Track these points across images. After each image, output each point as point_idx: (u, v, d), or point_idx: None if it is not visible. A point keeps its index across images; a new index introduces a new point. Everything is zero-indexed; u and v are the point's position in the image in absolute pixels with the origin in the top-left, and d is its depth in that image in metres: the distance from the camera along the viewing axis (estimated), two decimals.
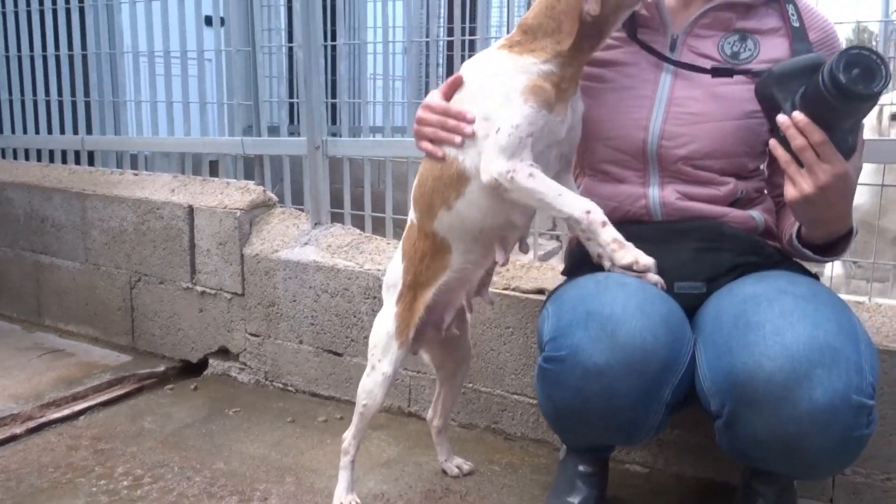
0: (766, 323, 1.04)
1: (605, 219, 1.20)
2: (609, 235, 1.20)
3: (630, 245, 1.19)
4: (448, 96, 1.32)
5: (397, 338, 1.47)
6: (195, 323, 2.45)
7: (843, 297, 1.76)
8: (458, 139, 1.28)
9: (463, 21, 3.92)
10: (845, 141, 1.10)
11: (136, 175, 2.70)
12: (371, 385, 1.50)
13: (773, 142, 1.15)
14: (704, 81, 1.32)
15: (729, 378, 1.04)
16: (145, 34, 2.69)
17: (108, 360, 2.50)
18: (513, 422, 1.95)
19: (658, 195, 1.33)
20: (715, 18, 1.33)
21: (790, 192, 1.15)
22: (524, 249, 1.40)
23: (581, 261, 1.33)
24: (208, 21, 2.61)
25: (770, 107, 1.19)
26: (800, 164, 1.11)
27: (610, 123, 1.35)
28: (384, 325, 1.50)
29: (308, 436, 1.99)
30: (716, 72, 1.28)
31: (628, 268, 1.17)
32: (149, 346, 2.56)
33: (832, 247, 1.24)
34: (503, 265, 1.41)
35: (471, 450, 1.88)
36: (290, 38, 2.80)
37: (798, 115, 1.10)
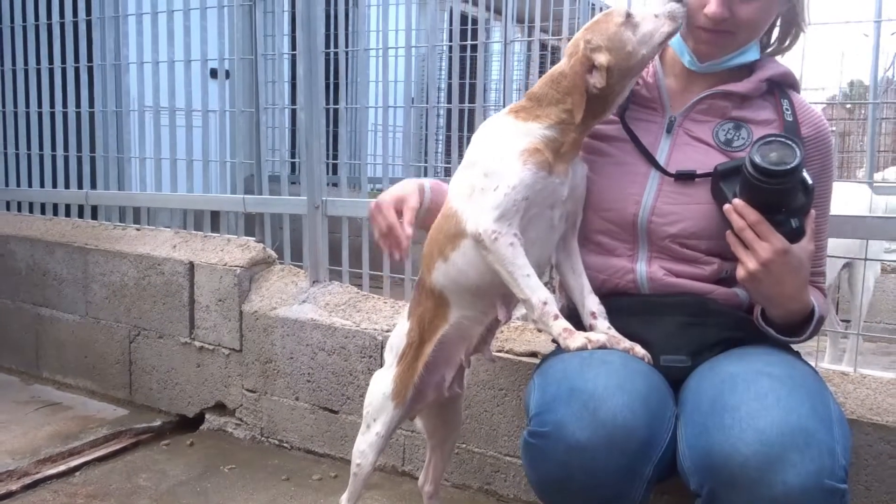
0: (741, 406, 1.08)
1: (558, 312, 1.28)
2: (560, 327, 1.27)
3: (578, 332, 1.26)
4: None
5: (393, 398, 1.48)
6: (192, 378, 2.47)
7: (829, 366, 1.81)
8: (396, 256, 1.46)
9: (462, 77, 4.03)
10: (787, 223, 1.21)
11: (138, 230, 2.75)
12: (364, 446, 1.51)
13: (728, 231, 1.25)
14: (697, 163, 1.37)
15: (706, 460, 1.08)
16: (151, 92, 2.77)
17: (105, 414, 2.52)
18: (505, 483, 1.96)
19: (646, 270, 1.37)
20: (712, 105, 1.39)
21: (738, 271, 1.25)
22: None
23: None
24: (213, 73, 2.68)
25: (720, 201, 1.29)
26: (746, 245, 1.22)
27: (605, 195, 1.40)
28: (381, 385, 1.51)
29: (302, 495, 2.00)
30: (678, 175, 1.35)
31: (582, 349, 1.24)
32: (146, 400, 2.58)
33: (796, 328, 1.29)
34: (505, 322, 1.44)
35: None
36: (294, 87, 2.88)
37: (736, 200, 1.22)
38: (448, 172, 4.60)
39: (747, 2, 1.30)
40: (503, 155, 1.30)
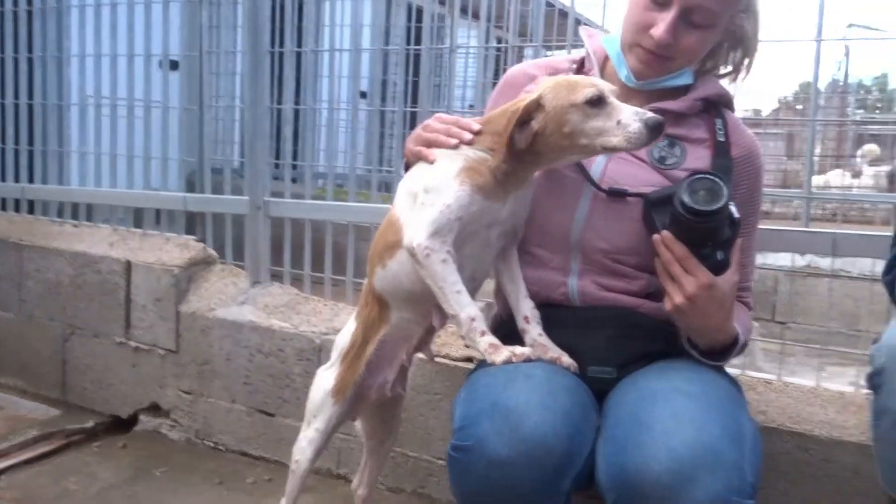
0: (656, 424, 1.11)
1: (486, 329, 1.28)
2: (486, 343, 1.28)
3: (504, 346, 1.27)
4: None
5: (334, 395, 1.49)
6: (127, 378, 2.43)
7: (754, 375, 1.86)
8: (453, 141, 1.34)
9: (416, 75, 4.01)
10: (713, 257, 1.23)
11: (75, 227, 2.69)
12: (304, 442, 1.52)
13: (656, 261, 1.27)
14: (631, 179, 1.39)
15: (621, 475, 1.10)
16: (93, 86, 2.70)
17: (37, 414, 2.46)
18: (439, 487, 1.98)
19: (577, 284, 1.39)
20: None
21: (666, 303, 1.27)
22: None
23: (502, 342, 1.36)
24: (173, 65, 2.63)
25: (649, 228, 1.30)
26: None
27: (541, 208, 1.41)
28: (323, 382, 1.52)
29: (235, 499, 1.98)
30: (610, 192, 1.36)
31: (507, 362, 1.24)
32: (79, 400, 2.53)
33: (719, 353, 1.32)
34: (440, 328, 1.46)
35: None
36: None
37: (665, 233, 1.24)
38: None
39: (692, 32, 1.33)
40: (443, 173, 1.31)
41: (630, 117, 1.20)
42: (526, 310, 1.37)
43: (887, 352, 1.02)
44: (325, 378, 1.52)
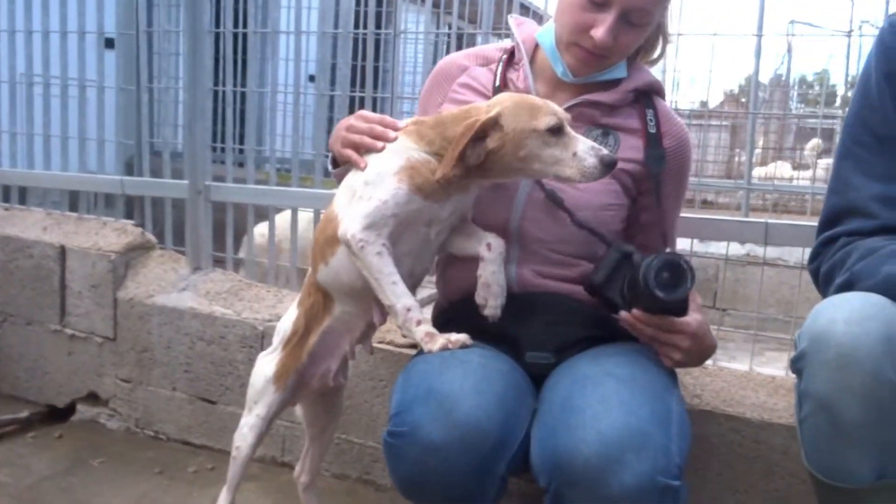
0: (586, 408, 1.13)
1: (422, 318, 1.29)
2: (422, 332, 1.28)
3: (439, 334, 1.28)
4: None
5: (275, 382, 1.49)
6: (63, 366, 2.36)
7: None
8: (380, 144, 1.33)
9: (376, 60, 3.96)
10: (681, 306, 1.24)
11: (6, 210, 2.59)
12: (245, 428, 1.51)
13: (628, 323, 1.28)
14: None
15: (552, 459, 1.12)
16: (24, 63, 2.60)
17: None
18: (383, 473, 1.97)
19: (515, 271, 1.40)
20: (581, 112, 1.41)
21: (666, 361, 1.30)
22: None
23: (443, 329, 1.37)
24: (109, 44, 2.54)
25: (608, 305, 1.33)
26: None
27: (482, 199, 1.41)
28: (264, 369, 1.51)
29: (175, 488, 1.95)
30: (548, 196, 1.37)
31: (444, 349, 1.25)
32: (12, 390, 2.45)
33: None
34: (380, 325, 1.45)
35: (341, 502, 1.89)
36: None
37: (636, 313, 1.25)
38: None
39: (629, 31, 1.34)
40: (383, 169, 1.30)
41: (586, 151, 1.22)
42: (489, 237, 1.35)
43: (808, 336, 1.05)
44: (267, 364, 1.51)
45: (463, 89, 1.50)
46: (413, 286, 1.39)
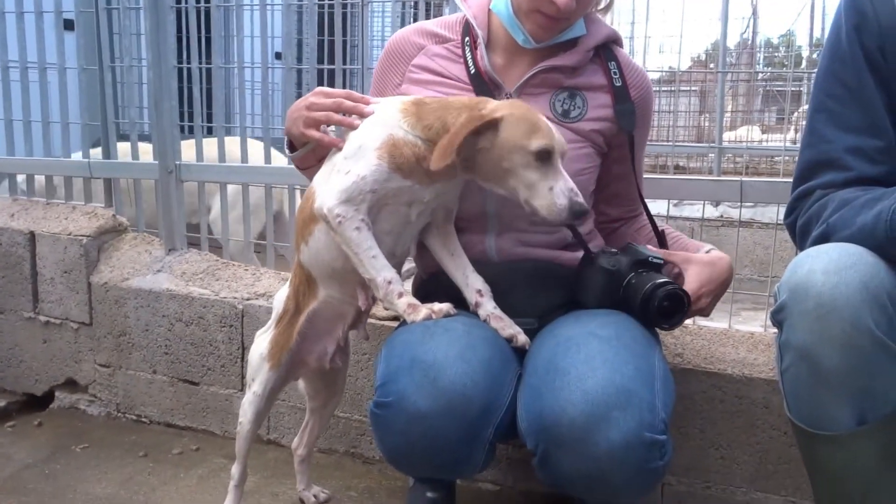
0: (571, 369, 1.13)
1: (403, 290, 1.28)
2: (404, 303, 1.27)
3: (422, 305, 1.27)
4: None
5: (269, 359, 1.49)
6: (39, 354, 2.33)
7: None
8: (356, 120, 1.30)
9: (344, 34, 3.88)
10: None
11: None
12: (246, 404, 1.53)
13: None
14: None
15: (539, 421, 1.13)
16: None
17: None
18: (371, 446, 1.98)
19: (494, 243, 1.40)
20: (545, 79, 1.40)
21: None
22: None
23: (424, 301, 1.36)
24: (68, 25, 2.46)
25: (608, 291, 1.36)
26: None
27: None
28: (259, 346, 1.52)
29: (161, 470, 1.94)
30: None
31: (427, 319, 1.24)
32: None
33: None
34: (364, 310, 1.43)
35: (329, 475, 1.89)
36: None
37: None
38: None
39: None
40: (365, 143, 1.27)
41: (562, 191, 1.20)
42: (477, 284, 1.34)
43: (788, 288, 1.06)
44: (261, 341, 1.52)
45: (422, 71, 1.46)
46: (396, 266, 1.37)
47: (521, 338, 1.30)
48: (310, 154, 1.42)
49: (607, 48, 1.45)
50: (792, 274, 1.07)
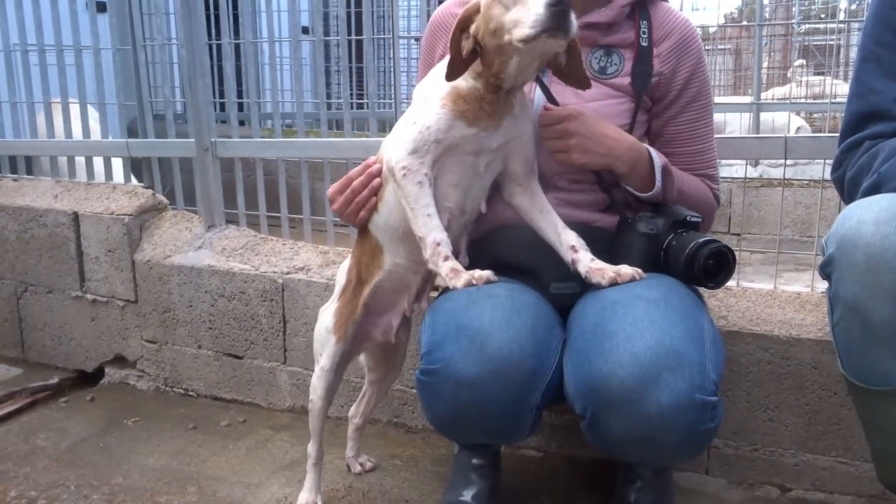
0: (619, 331, 1.12)
1: (450, 254, 1.27)
2: (448, 267, 1.26)
3: (464, 271, 1.26)
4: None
5: (335, 332, 1.49)
6: (88, 332, 2.38)
7: None
8: (376, 181, 1.35)
9: (358, 6, 3.87)
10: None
11: (15, 181, 2.58)
12: (315, 380, 1.53)
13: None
14: (576, 96, 1.37)
15: (588, 384, 1.12)
16: (17, 31, 2.55)
17: None
18: (413, 415, 2.00)
19: None
20: (581, 37, 1.38)
21: (563, 157, 1.36)
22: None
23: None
24: (101, 7, 2.48)
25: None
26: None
27: None
28: (324, 320, 1.52)
29: (210, 442, 1.98)
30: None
31: (468, 285, 1.24)
32: (40, 358, 2.48)
33: (648, 182, 1.38)
34: (427, 279, 1.44)
35: (373, 445, 1.92)
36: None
37: None
38: (361, 106, 4.48)
39: None
40: (428, 96, 1.30)
41: (535, 4, 1.13)
42: (571, 240, 1.32)
43: (836, 240, 1.03)
44: (326, 315, 1.52)
45: None
46: (465, 223, 1.37)
47: (627, 270, 1.26)
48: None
49: (644, 6, 1.42)
50: (840, 225, 1.04)
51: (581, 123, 1.31)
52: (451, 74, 1.23)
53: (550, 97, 1.38)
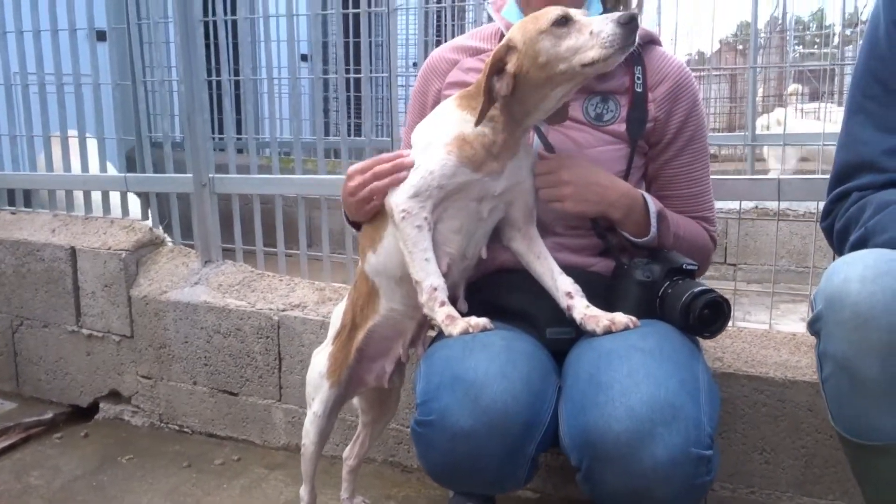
0: (614, 383, 1.12)
1: (446, 300, 1.27)
2: (444, 313, 1.26)
3: (461, 318, 1.26)
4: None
5: (328, 378, 1.47)
6: (83, 366, 2.38)
7: None
8: (402, 174, 1.29)
9: (370, 35, 3.89)
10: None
11: (13, 214, 2.59)
12: (308, 424, 1.51)
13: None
14: (574, 143, 1.38)
15: (583, 437, 1.12)
16: (17, 63, 2.57)
17: None
18: (409, 454, 1.99)
19: None
20: None
21: (557, 206, 1.35)
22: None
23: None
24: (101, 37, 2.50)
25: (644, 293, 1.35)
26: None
27: None
28: (318, 364, 1.51)
29: (205, 481, 1.97)
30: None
31: (464, 333, 1.23)
32: (35, 392, 2.47)
33: (644, 228, 1.38)
34: (423, 325, 1.43)
35: (369, 484, 1.91)
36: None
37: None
38: (357, 131, 4.47)
39: None
40: (432, 140, 1.29)
41: (601, 23, 1.15)
42: (566, 286, 1.31)
43: (823, 297, 1.04)
44: (319, 359, 1.51)
45: (452, 87, 1.47)
46: (465, 269, 1.37)
47: (621, 318, 1.26)
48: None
49: (636, 53, 1.43)
50: (827, 282, 1.05)
51: (574, 172, 1.31)
52: (482, 118, 1.22)
53: (547, 144, 1.39)
